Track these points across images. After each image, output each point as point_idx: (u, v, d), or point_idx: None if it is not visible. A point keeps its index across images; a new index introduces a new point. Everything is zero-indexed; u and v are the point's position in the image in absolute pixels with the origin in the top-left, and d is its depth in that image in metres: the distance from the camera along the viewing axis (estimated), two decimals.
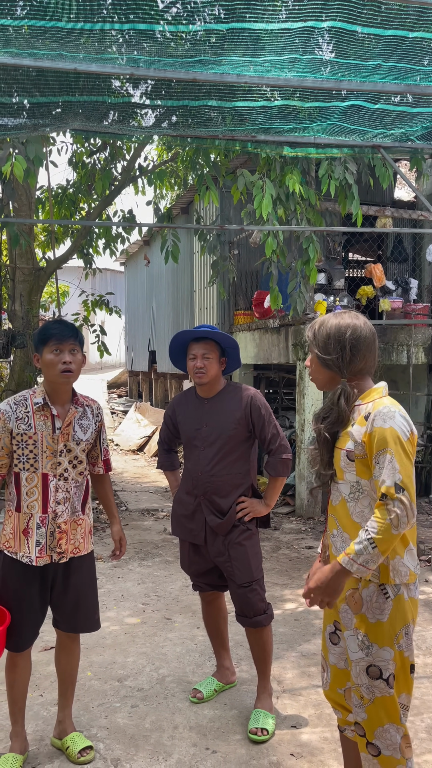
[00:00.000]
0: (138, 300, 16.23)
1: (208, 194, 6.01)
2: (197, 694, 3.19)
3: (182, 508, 3.11)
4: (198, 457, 3.02)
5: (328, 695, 2.23)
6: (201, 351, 2.97)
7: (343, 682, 2.16)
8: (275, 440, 2.97)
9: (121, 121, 4.26)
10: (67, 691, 2.82)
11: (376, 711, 1.97)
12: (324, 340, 2.10)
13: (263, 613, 2.99)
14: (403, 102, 3.86)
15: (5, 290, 7.54)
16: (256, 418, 2.97)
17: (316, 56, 3.24)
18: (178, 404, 3.19)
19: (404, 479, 1.88)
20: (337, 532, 2.09)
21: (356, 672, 2.00)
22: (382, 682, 1.96)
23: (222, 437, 2.97)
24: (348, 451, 2.02)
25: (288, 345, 7.17)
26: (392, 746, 1.97)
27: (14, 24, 2.93)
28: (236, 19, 2.93)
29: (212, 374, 2.98)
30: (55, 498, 2.61)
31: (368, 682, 1.97)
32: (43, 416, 2.60)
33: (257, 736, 2.85)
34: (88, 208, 8.20)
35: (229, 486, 2.99)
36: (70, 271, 10.40)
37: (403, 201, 10.53)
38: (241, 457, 3.01)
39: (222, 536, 2.99)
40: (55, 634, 2.87)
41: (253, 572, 2.96)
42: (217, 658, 3.32)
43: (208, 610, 3.24)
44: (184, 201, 10.58)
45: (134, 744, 2.83)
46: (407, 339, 7.13)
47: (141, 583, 4.90)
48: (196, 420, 3.05)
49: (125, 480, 9.14)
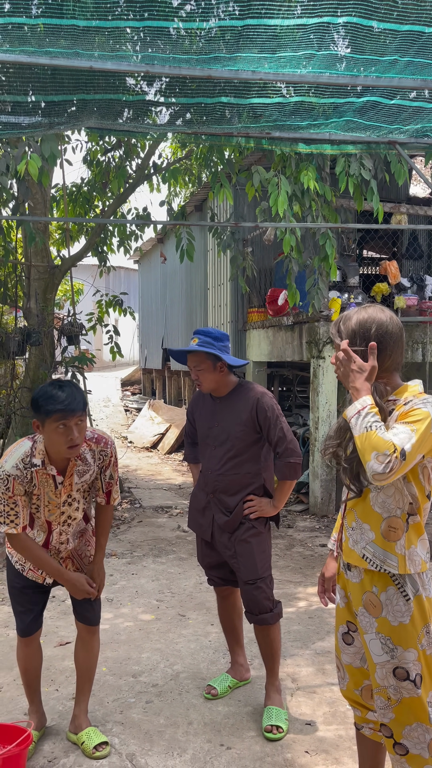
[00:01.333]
0: (152, 298, 16.26)
1: (222, 191, 6.00)
2: (211, 690, 3.19)
3: (196, 503, 3.16)
4: (210, 456, 3.05)
5: (346, 694, 2.22)
6: (192, 364, 2.97)
7: (360, 681, 2.15)
8: (282, 443, 2.92)
9: (135, 119, 4.26)
10: (84, 686, 2.86)
11: (403, 711, 1.95)
12: (351, 335, 2.01)
13: (269, 611, 2.98)
14: (420, 97, 3.82)
15: (20, 288, 7.59)
16: (263, 420, 2.93)
17: (331, 52, 3.21)
18: (196, 402, 3.22)
19: (412, 452, 1.80)
20: (356, 524, 2.05)
21: (382, 674, 1.97)
22: (410, 683, 1.94)
23: (231, 438, 2.98)
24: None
25: (302, 342, 7.15)
26: (420, 744, 1.95)
27: (30, 22, 2.94)
28: (251, 15, 2.92)
29: (208, 383, 2.98)
30: (58, 540, 2.69)
31: (396, 684, 1.95)
32: (45, 475, 2.55)
33: (272, 734, 2.86)
34: (102, 206, 8.23)
35: (238, 485, 2.99)
36: (84, 269, 10.45)
37: (419, 197, 10.45)
38: (252, 458, 3.00)
39: (228, 533, 3.01)
40: (69, 630, 2.90)
41: (258, 570, 2.96)
42: (231, 655, 3.33)
43: (223, 605, 3.25)
44: (198, 198, 10.58)
45: (149, 739, 2.84)
46: (422, 336, 7.08)
47: (155, 580, 4.91)
48: (209, 418, 3.07)
49: (139, 477, 9.17)
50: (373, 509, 2.00)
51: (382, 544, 1.98)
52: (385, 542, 1.98)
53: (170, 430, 11.73)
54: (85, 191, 7.90)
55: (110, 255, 8.27)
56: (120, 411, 15.34)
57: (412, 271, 8.72)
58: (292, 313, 7.32)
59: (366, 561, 2.01)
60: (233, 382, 3.06)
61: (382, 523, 1.98)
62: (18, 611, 2.77)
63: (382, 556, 1.98)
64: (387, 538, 1.97)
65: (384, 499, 1.98)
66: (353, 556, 2.06)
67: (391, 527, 1.97)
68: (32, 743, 2.74)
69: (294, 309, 7.30)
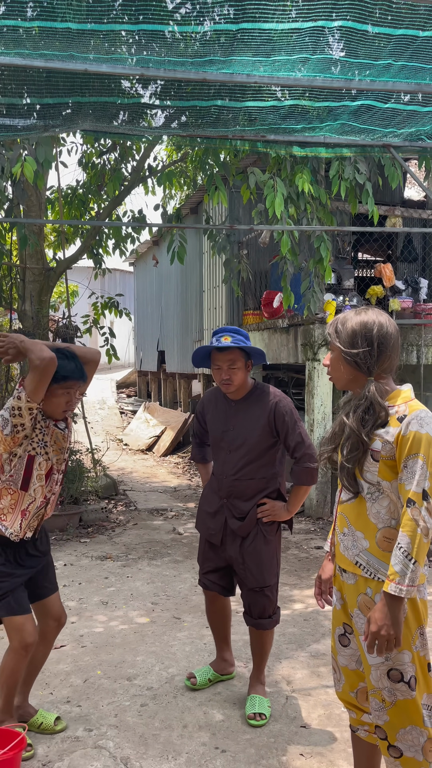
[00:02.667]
0: (147, 300, 16.26)
1: (217, 194, 6.01)
2: (191, 678, 3.27)
3: (207, 505, 3.12)
4: (225, 460, 3.01)
5: (341, 697, 2.22)
6: (227, 363, 2.90)
7: (355, 684, 2.16)
8: (300, 448, 2.90)
9: (130, 122, 4.26)
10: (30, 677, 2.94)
11: (398, 714, 1.96)
12: (350, 336, 2.02)
13: (268, 617, 3.01)
14: (414, 101, 3.84)
15: (15, 290, 7.57)
16: (281, 425, 2.91)
17: (326, 55, 3.22)
18: (208, 402, 3.16)
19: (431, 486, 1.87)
20: (348, 530, 2.06)
21: (377, 676, 1.98)
22: (404, 684, 1.94)
23: (248, 442, 2.94)
24: (374, 451, 1.97)
25: (297, 345, 7.16)
26: (415, 747, 1.96)
27: (25, 25, 2.93)
28: (246, 19, 2.93)
29: (238, 383, 2.95)
30: (52, 490, 2.79)
31: (390, 686, 1.96)
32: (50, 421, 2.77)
33: (255, 720, 2.95)
34: (97, 209, 8.22)
35: (253, 490, 2.97)
36: (79, 272, 10.42)
37: (413, 200, 10.49)
38: (268, 463, 2.98)
39: (240, 539, 2.98)
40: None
41: (265, 578, 2.97)
42: (217, 650, 3.38)
43: (213, 608, 3.27)
44: (193, 201, 10.59)
45: (144, 742, 2.84)
46: (417, 339, 7.10)
47: (150, 583, 4.91)
48: (223, 421, 3.03)
49: (134, 479, 9.16)
50: (368, 518, 2.01)
51: (377, 553, 2.00)
52: (381, 552, 1.99)
53: (166, 433, 11.72)
54: (81, 193, 7.89)
55: (105, 257, 8.26)
56: (115, 413, 15.31)
57: (406, 274, 8.75)
58: (288, 315, 7.33)
59: (359, 568, 2.02)
60: (251, 383, 3.04)
61: (377, 533, 2.00)
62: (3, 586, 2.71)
63: (377, 565, 1.99)
64: (382, 548, 1.99)
65: (379, 510, 2.00)
66: (345, 561, 2.08)
67: (386, 538, 1.99)
68: (31, 750, 2.74)
69: (289, 311, 7.31)
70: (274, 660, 3.62)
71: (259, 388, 3.01)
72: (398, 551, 1.86)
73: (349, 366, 2.05)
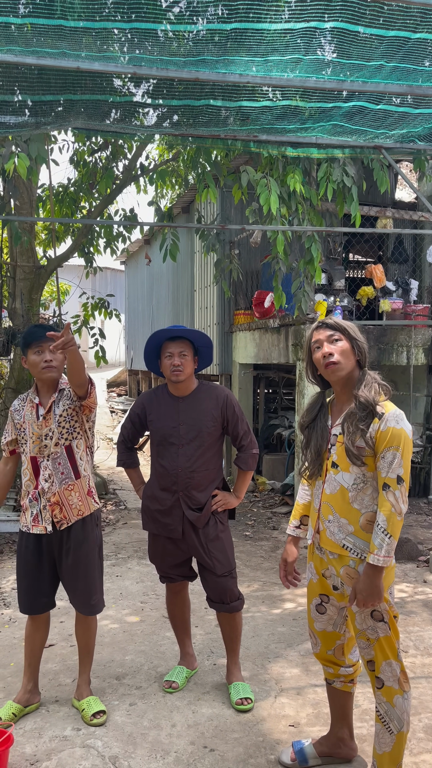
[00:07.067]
0: (138, 299, 16.23)
1: (206, 192, 6.00)
2: (172, 684, 3.30)
3: (157, 504, 3.17)
4: (176, 455, 3.09)
5: (319, 656, 2.60)
6: (177, 349, 3.07)
7: (332, 643, 2.55)
8: (246, 436, 3.19)
9: (122, 120, 4.25)
10: (84, 659, 3.13)
11: (381, 648, 2.34)
12: (351, 329, 2.36)
13: (238, 598, 3.19)
14: (405, 103, 3.86)
15: (6, 288, 7.53)
16: (231, 415, 3.15)
17: (318, 57, 3.23)
18: (149, 403, 3.21)
19: (405, 473, 2.22)
20: (333, 518, 2.38)
21: (361, 618, 2.34)
22: (383, 624, 2.33)
23: (201, 435, 3.09)
24: (359, 448, 2.28)
25: (288, 345, 7.17)
26: (392, 678, 2.35)
27: (17, 22, 2.92)
28: (239, 19, 2.93)
29: (188, 372, 3.09)
30: (43, 476, 2.96)
31: (373, 624, 2.33)
32: (31, 407, 3.01)
33: (243, 705, 3.07)
34: (89, 207, 8.20)
35: (207, 480, 3.14)
36: (70, 270, 10.39)
37: (404, 202, 10.53)
38: (217, 453, 3.18)
39: (199, 529, 3.11)
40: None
41: (230, 562, 3.17)
42: (181, 647, 3.46)
43: (175, 600, 3.36)
44: (185, 200, 10.57)
45: (132, 742, 2.83)
46: (407, 340, 7.13)
47: (140, 582, 4.90)
48: (171, 418, 3.12)
49: (123, 479, 9.14)
50: (351, 506, 2.34)
51: (361, 536, 2.32)
52: (364, 534, 2.32)
53: None
54: (72, 192, 7.86)
55: (97, 256, 8.23)
56: (106, 412, 15.28)
57: (397, 275, 8.78)
58: (279, 315, 7.34)
59: (347, 550, 2.34)
60: (196, 381, 3.20)
61: (361, 518, 2.32)
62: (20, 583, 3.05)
63: (363, 546, 2.32)
64: (366, 531, 2.32)
65: (363, 498, 2.33)
66: (331, 544, 2.39)
67: (369, 521, 2.32)
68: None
69: (280, 311, 7.32)
70: (263, 659, 3.63)
71: (206, 385, 3.20)
72: (377, 528, 2.22)
73: (354, 356, 2.36)
